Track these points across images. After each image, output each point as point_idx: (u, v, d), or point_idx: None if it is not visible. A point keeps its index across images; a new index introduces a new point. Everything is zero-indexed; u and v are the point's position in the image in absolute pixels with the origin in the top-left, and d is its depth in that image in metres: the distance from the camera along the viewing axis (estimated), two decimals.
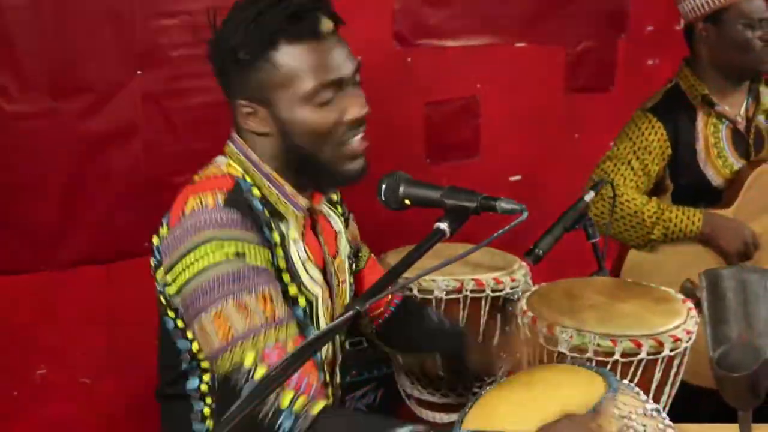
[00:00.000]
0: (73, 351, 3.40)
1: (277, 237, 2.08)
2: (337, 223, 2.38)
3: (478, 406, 2.03)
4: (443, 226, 1.82)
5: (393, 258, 2.89)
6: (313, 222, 2.23)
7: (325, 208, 2.34)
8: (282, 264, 2.09)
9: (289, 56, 2.01)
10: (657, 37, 4.54)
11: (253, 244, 1.98)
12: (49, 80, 3.19)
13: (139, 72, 3.36)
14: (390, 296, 2.58)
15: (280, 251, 2.08)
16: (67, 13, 3.20)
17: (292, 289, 2.12)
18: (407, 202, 1.94)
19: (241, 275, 1.94)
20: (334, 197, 2.42)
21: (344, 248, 2.37)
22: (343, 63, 2.06)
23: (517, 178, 4.41)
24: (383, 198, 1.96)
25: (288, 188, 2.13)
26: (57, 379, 3.40)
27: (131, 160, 3.39)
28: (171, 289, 2.05)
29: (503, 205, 1.83)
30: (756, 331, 2.23)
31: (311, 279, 2.17)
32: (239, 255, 1.95)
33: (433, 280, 2.76)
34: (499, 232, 1.75)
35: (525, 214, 1.80)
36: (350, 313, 1.61)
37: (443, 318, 2.62)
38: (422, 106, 4.13)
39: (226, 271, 1.93)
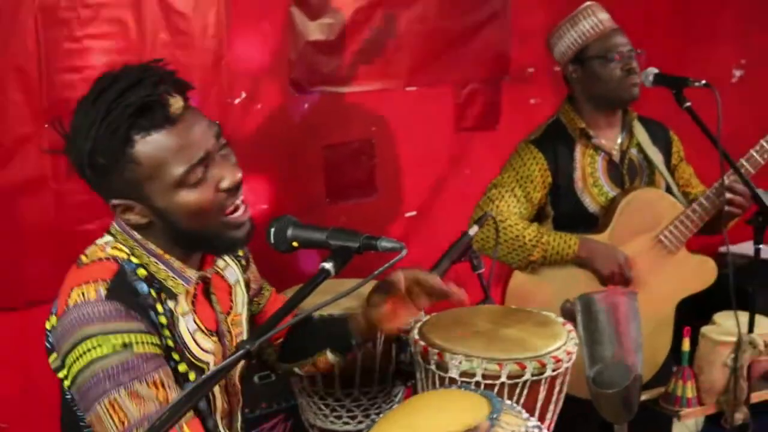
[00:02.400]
0: None
1: (164, 319, 2.02)
2: (234, 273, 2.31)
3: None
4: (328, 266, 1.83)
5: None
6: (205, 285, 2.17)
7: (220, 262, 2.27)
8: (170, 343, 2.03)
9: (148, 148, 1.90)
10: (537, 77, 4.63)
11: (138, 332, 1.93)
12: None
13: (46, 125, 3.31)
14: None
15: (167, 332, 2.02)
16: None
17: (182, 367, 2.06)
18: (295, 244, 1.94)
19: (131, 365, 1.89)
20: None
21: (240, 300, 2.31)
22: (204, 135, 1.96)
23: (413, 213, 4.45)
24: (272, 241, 1.96)
25: (176, 263, 2.07)
26: None
27: (41, 211, 3.35)
28: (65, 380, 1.98)
29: (384, 243, 1.85)
30: (627, 350, 2.29)
31: (201, 350, 2.12)
32: (126, 345, 1.90)
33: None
34: (380, 269, 1.77)
35: (404, 252, 1.82)
36: (241, 352, 1.61)
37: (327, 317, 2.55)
38: (321, 149, 4.15)
39: (115, 363, 1.88)
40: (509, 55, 4.64)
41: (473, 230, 2.89)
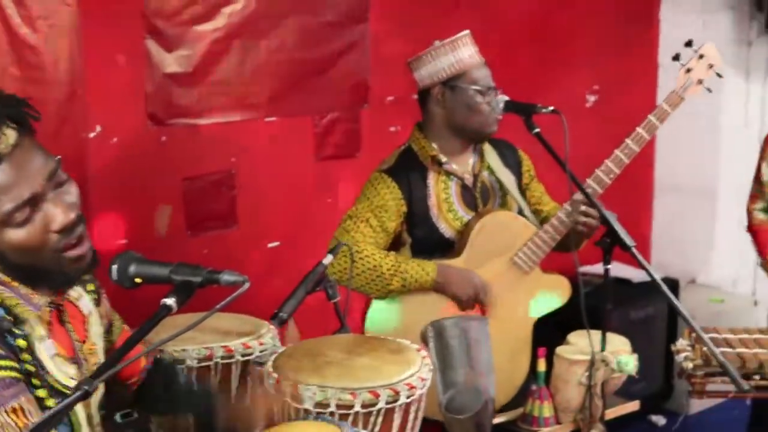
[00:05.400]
0: None
1: (22, 342, 1.97)
2: (87, 305, 2.26)
3: None
4: (170, 301, 1.83)
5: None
6: (59, 312, 2.13)
7: (73, 292, 2.22)
8: (30, 368, 1.98)
9: None
10: (397, 105, 4.66)
11: None
12: None
13: None
14: (144, 362, 2.50)
15: (27, 356, 1.97)
16: None
17: (42, 393, 2.00)
18: (138, 280, 1.93)
19: None
20: (86, 276, 2.29)
21: (95, 331, 2.27)
22: (33, 175, 1.90)
23: (276, 244, 4.44)
24: (115, 278, 1.94)
25: (22, 290, 2.01)
26: None
27: None
28: None
29: (226, 277, 1.86)
30: (478, 373, 2.34)
31: (64, 374, 2.07)
32: None
33: (184, 350, 2.75)
34: (222, 303, 1.78)
35: (246, 285, 1.84)
36: (78, 393, 1.60)
37: (192, 380, 2.55)
38: (180, 181, 4.11)
39: None
40: (368, 84, 4.68)
41: (327, 259, 2.91)
